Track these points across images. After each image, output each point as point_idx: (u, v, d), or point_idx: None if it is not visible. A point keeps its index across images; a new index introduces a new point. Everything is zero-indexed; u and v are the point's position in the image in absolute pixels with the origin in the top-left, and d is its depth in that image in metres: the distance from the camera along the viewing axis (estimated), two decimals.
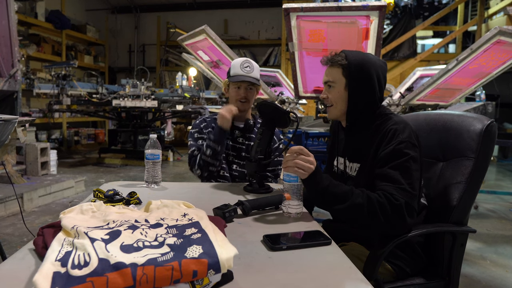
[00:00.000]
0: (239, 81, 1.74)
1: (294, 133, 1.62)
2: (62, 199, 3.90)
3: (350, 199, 1.12)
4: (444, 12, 6.09)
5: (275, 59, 8.54)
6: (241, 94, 1.76)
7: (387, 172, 1.17)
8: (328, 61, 1.32)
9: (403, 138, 1.19)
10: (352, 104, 1.29)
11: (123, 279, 0.64)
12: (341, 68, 1.28)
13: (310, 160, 1.14)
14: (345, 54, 1.28)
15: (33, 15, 6.91)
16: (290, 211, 1.17)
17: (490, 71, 2.78)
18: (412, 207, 1.13)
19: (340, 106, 1.31)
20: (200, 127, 1.83)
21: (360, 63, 1.26)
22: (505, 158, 7.17)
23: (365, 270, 1.15)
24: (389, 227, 1.13)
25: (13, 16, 3.20)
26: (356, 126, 1.33)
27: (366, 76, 1.25)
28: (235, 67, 1.75)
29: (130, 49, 9.71)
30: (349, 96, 1.28)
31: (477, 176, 1.29)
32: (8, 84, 3.17)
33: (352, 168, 1.34)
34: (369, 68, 1.25)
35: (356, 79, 1.26)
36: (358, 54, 1.30)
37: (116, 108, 5.81)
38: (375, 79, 1.26)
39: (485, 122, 1.29)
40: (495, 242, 2.90)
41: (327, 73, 1.33)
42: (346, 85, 1.28)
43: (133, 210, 1.03)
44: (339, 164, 1.42)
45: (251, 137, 1.84)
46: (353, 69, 1.26)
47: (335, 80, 1.30)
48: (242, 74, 1.74)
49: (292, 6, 2.33)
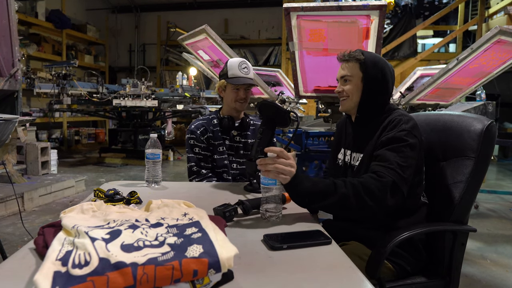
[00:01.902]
0: (240, 84, 1.74)
1: (294, 132, 1.62)
2: (63, 199, 3.90)
3: (334, 192, 1.11)
4: (445, 12, 6.08)
5: (276, 58, 8.54)
6: (241, 96, 1.78)
7: (382, 153, 1.22)
8: (345, 56, 1.38)
9: (406, 127, 1.25)
10: (365, 96, 1.35)
11: (124, 279, 0.64)
12: (358, 63, 1.35)
13: (291, 163, 1.10)
14: (361, 51, 1.36)
15: (33, 14, 6.91)
16: (268, 216, 1.12)
17: (490, 70, 2.78)
18: (398, 188, 1.15)
19: (355, 98, 1.37)
20: (197, 134, 1.80)
21: (375, 60, 1.35)
22: (505, 158, 7.17)
23: (368, 269, 1.15)
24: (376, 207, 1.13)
25: (14, 15, 3.20)
26: (365, 118, 1.38)
27: (381, 72, 1.33)
28: (232, 68, 1.74)
29: (130, 48, 9.70)
30: (363, 88, 1.35)
31: (477, 175, 1.30)
32: (8, 83, 3.16)
33: (355, 158, 1.39)
34: (383, 65, 1.35)
35: (372, 74, 1.33)
36: (373, 54, 1.40)
37: (117, 108, 5.81)
38: (388, 77, 1.34)
39: (485, 123, 1.31)
40: (495, 241, 2.90)
41: (344, 67, 1.39)
42: (362, 79, 1.35)
43: (134, 210, 1.03)
44: (345, 157, 1.45)
45: (247, 134, 1.86)
46: (369, 64, 1.33)
47: (353, 74, 1.36)
48: (242, 76, 1.74)
49: (292, 6, 2.33)
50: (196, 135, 1.80)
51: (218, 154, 1.81)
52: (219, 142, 1.82)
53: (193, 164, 1.79)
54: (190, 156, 1.81)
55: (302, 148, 2.99)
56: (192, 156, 1.80)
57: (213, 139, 1.82)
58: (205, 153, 1.81)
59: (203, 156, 1.80)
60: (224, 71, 1.78)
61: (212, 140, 1.82)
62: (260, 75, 3.41)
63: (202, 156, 1.80)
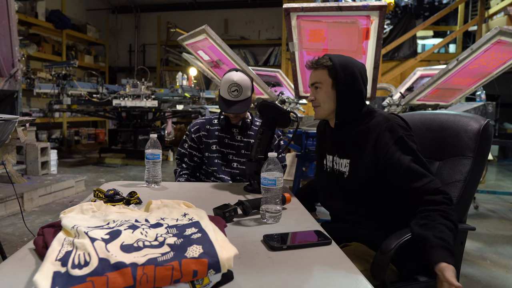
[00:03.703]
0: (224, 111, 1.75)
1: (294, 133, 1.63)
2: (63, 199, 3.90)
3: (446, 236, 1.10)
4: (445, 12, 6.08)
5: (276, 59, 8.53)
6: (232, 117, 1.80)
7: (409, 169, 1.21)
8: (313, 64, 1.37)
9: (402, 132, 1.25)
10: (340, 102, 1.33)
11: (123, 279, 0.64)
12: (326, 69, 1.33)
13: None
14: (328, 57, 1.34)
15: (33, 14, 6.90)
16: (268, 216, 1.12)
17: (490, 71, 2.78)
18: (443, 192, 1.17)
19: (328, 105, 1.36)
20: (191, 131, 1.89)
21: (344, 63, 1.32)
22: (505, 158, 7.17)
23: (373, 271, 1.14)
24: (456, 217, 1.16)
25: (14, 15, 3.20)
26: (344, 124, 1.37)
27: (351, 74, 1.31)
28: (223, 88, 1.73)
29: (130, 49, 9.70)
30: (337, 95, 1.33)
31: (475, 174, 1.30)
32: (8, 83, 3.17)
33: (342, 164, 1.36)
34: (352, 67, 1.32)
35: (342, 77, 1.31)
36: (341, 57, 1.36)
37: (117, 108, 5.81)
38: (359, 78, 1.32)
39: (482, 122, 1.32)
40: (495, 242, 2.90)
41: (313, 75, 1.38)
42: (333, 85, 1.33)
43: (133, 210, 1.03)
44: (328, 162, 1.44)
45: (250, 134, 1.86)
46: (338, 69, 1.31)
47: (322, 81, 1.35)
48: (229, 99, 1.72)
49: (292, 6, 2.33)
50: (189, 132, 1.90)
51: (210, 153, 1.84)
52: (213, 140, 1.85)
53: (177, 157, 1.92)
54: (178, 150, 1.92)
55: (302, 148, 3.00)
56: (179, 149, 1.92)
57: (206, 138, 1.86)
58: (191, 151, 1.88)
59: (188, 153, 1.89)
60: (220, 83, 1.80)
61: (205, 138, 1.86)
62: (260, 75, 3.41)
63: (187, 153, 1.89)
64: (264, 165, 1.12)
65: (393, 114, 1.34)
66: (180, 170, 1.90)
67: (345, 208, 1.37)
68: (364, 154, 1.29)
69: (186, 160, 1.90)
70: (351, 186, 1.33)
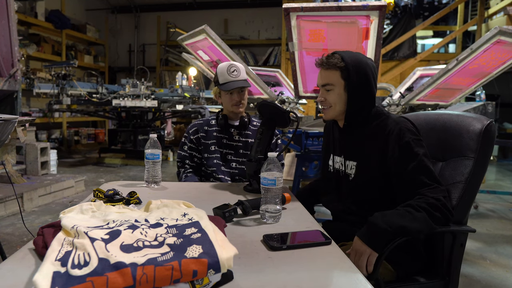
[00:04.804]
0: (230, 89, 1.76)
1: (294, 133, 1.62)
2: (62, 199, 3.90)
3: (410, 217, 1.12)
4: (444, 12, 6.08)
5: (275, 59, 8.53)
6: (236, 99, 1.81)
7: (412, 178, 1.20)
8: (324, 63, 1.31)
9: (410, 137, 1.23)
10: (351, 105, 1.31)
11: (123, 279, 0.64)
12: (339, 71, 1.28)
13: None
14: (340, 56, 1.28)
15: (33, 14, 6.90)
16: (268, 216, 1.12)
17: (490, 71, 2.78)
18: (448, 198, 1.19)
19: (338, 107, 1.33)
20: (189, 133, 1.91)
21: (357, 65, 1.27)
22: (505, 158, 7.17)
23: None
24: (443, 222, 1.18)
25: (13, 15, 3.20)
26: (353, 125, 1.35)
27: (364, 77, 1.28)
28: (222, 73, 1.77)
29: (130, 49, 9.69)
30: (348, 97, 1.30)
31: (477, 175, 1.29)
32: (8, 83, 3.17)
33: (348, 166, 1.36)
34: (365, 69, 1.28)
35: (355, 81, 1.27)
36: (353, 55, 1.30)
37: (116, 108, 5.81)
38: (371, 79, 1.29)
39: (485, 122, 1.30)
40: (495, 242, 2.90)
41: (324, 76, 1.32)
42: (345, 87, 1.29)
43: (133, 210, 1.03)
44: (335, 163, 1.43)
45: (247, 134, 1.87)
46: (351, 70, 1.26)
47: (334, 83, 1.30)
48: (232, 80, 1.76)
49: (292, 6, 2.33)
50: (188, 134, 1.91)
51: (209, 153, 1.85)
52: (212, 141, 1.86)
53: (178, 159, 1.93)
54: (178, 153, 1.93)
55: (302, 148, 2.99)
56: (179, 152, 1.92)
57: (205, 139, 1.87)
58: (191, 152, 1.90)
59: (189, 155, 1.90)
60: (216, 78, 1.82)
61: (204, 139, 1.87)
62: (260, 75, 3.41)
63: (188, 155, 1.90)
64: (263, 165, 1.12)
65: (403, 117, 1.31)
66: (183, 171, 1.90)
67: (348, 208, 1.37)
68: (371, 157, 1.28)
69: (188, 162, 1.90)
70: (356, 188, 1.33)
